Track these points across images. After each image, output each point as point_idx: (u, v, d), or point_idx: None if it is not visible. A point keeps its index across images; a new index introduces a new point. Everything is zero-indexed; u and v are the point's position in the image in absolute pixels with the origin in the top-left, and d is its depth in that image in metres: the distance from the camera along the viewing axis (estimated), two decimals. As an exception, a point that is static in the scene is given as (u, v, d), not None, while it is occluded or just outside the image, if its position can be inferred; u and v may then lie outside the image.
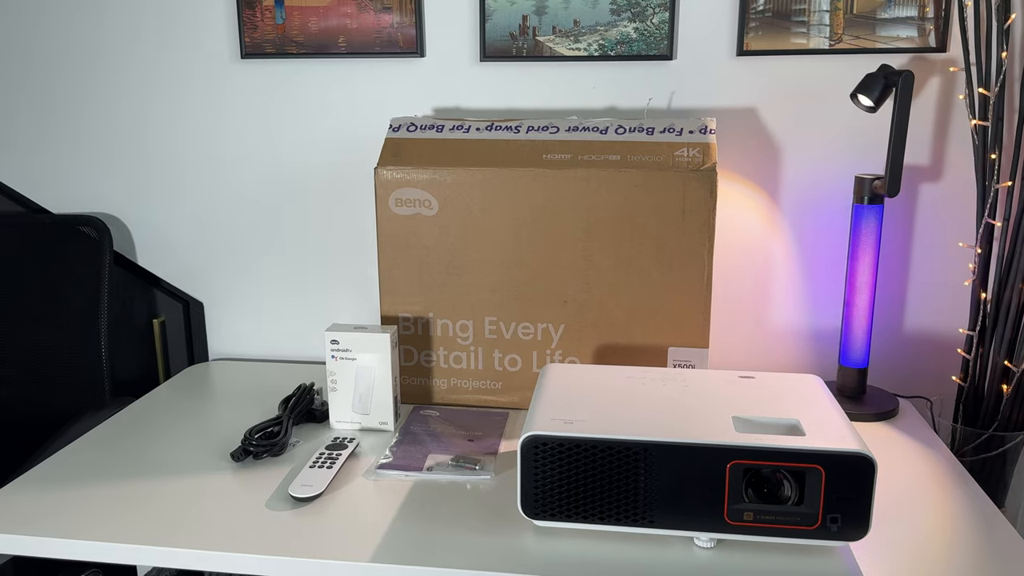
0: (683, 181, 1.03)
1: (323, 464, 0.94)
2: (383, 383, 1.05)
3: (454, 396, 1.14)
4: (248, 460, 0.99)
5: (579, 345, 1.10)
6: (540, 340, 1.10)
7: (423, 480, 0.94)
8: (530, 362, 1.11)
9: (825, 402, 0.85)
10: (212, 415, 1.13)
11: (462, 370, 1.13)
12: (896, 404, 1.12)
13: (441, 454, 0.99)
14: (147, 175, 1.32)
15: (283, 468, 0.97)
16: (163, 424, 1.10)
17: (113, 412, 1.17)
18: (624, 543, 0.81)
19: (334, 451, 0.98)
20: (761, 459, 0.75)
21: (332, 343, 1.05)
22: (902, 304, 1.20)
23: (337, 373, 1.06)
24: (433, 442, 1.02)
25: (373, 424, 1.06)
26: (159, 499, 0.90)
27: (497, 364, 1.12)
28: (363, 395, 1.05)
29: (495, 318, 1.11)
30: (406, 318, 1.13)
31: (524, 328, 1.10)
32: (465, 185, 1.07)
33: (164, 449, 1.02)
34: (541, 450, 0.78)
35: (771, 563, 0.78)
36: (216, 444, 1.03)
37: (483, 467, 0.95)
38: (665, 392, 0.88)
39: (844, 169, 1.17)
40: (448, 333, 1.12)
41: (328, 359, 1.05)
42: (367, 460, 0.99)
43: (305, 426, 1.09)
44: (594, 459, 0.78)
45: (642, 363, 1.09)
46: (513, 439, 1.04)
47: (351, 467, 0.97)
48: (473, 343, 1.12)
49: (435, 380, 1.14)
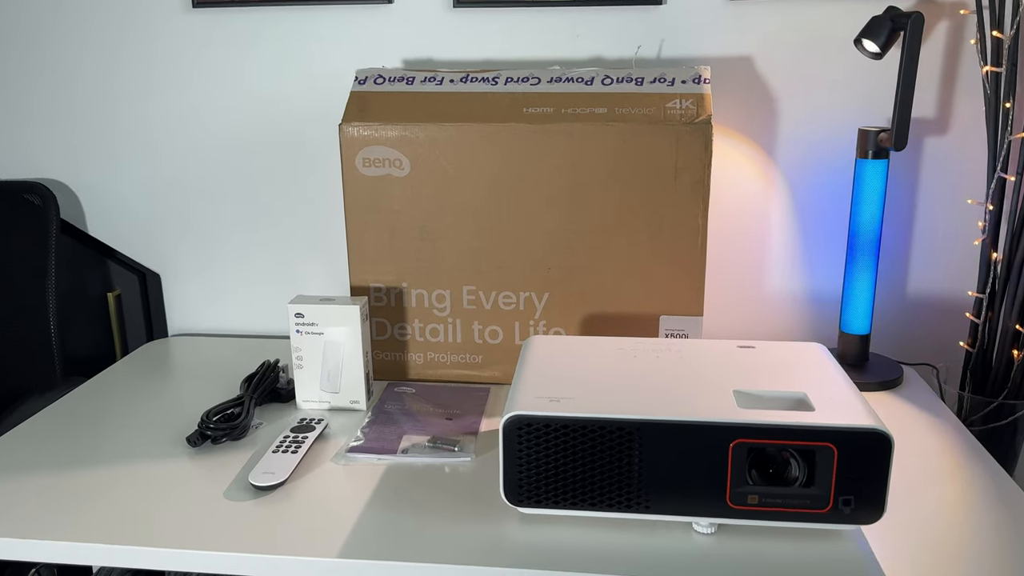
0: (676, 135, 0.95)
1: (287, 448, 0.87)
2: (353, 359, 0.97)
3: (431, 371, 1.06)
4: (206, 445, 0.91)
5: (565, 315, 1.02)
6: (523, 310, 1.03)
7: (397, 464, 0.86)
8: (512, 334, 1.04)
9: (832, 372, 0.79)
10: (170, 395, 1.04)
11: (439, 343, 1.05)
12: (900, 372, 1.05)
13: (417, 435, 0.91)
14: (96, 137, 1.22)
15: (244, 453, 0.89)
16: (116, 406, 1.01)
17: (63, 393, 1.08)
18: (616, 530, 0.74)
19: (300, 433, 0.90)
20: (767, 437, 0.68)
21: (297, 317, 0.97)
22: (906, 266, 1.13)
23: (303, 349, 0.97)
24: (408, 422, 0.94)
25: (343, 403, 0.99)
26: (109, 491, 0.82)
27: (477, 336, 1.04)
28: (331, 372, 0.97)
29: (474, 287, 1.03)
30: (377, 288, 1.04)
31: (505, 297, 1.03)
32: (438, 142, 0.98)
33: (117, 434, 0.94)
34: (525, 431, 0.71)
35: (776, 549, 0.71)
36: (173, 428, 0.95)
37: (462, 448, 0.88)
38: (659, 365, 0.80)
39: (846, 122, 1.09)
40: (423, 304, 1.04)
41: (292, 334, 0.97)
42: (336, 443, 0.91)
43: (269, 406, 1.01)
44: (584, 440, 0.70)
45: (632, 333, 1.02)
46: (495, 417, 0.97)
47: (318, 451, 0.89)
48: (450, 314, 1.04)
49: (410, 355, 1.06)
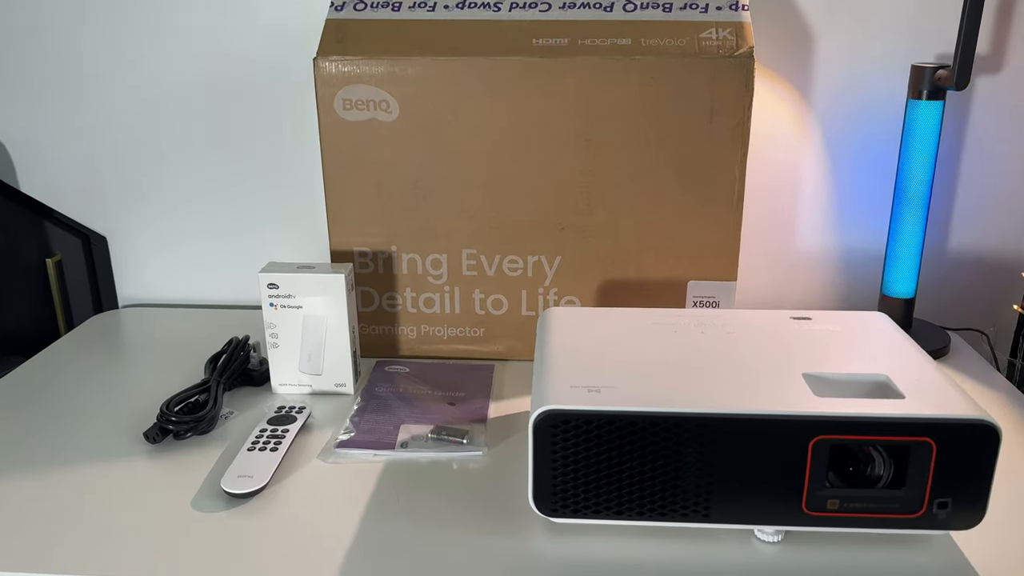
0: (712, 71, 0.82)
1: (265, 445, 0.73)
2: (338, 336, 0.83)
3: (426, 347, 0.93)
4: (167, 441, 0.77)
5: (578, 282, 0.89)
6: (531, 276, 0.90)
7: (396, 460, 0.73)
8: (518, 303, 0.91)
9: (908, 349, 0.67)
10: (123, 378, 0.90)
11: (435, 315, 0.92)
12: (948, 340, 0.95)
13: (416, 424, 0.78)
14: (24, 79, 1.04)
15: (213, 451, 0.75)
16: (60, 392, 0.87)
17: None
18: (662, 541, 0.62)
19: (279, 426, 0.76)
20: (854, 433, 0.57)
21: (270, 288, 0.82)
22: (949, 221, 1.02)
23: (278, 325, 0.83)
24: (405, 408, 0.81)
25: (327, 386, 0.85)
26: (49, 503, 0.68)
27: (478, 307, 0.91)
28: (312, 352, 0.84)
29: (474, 250, 0.89)
30: (363, 253, 0.90)
31: (511, 262, 0.89)
32: (432, 80, 0.83)
33: (60, 427, 0.79)
34: (561, 429, 0.58)
35: (852, 558, 0.60)
36: (128, 418, 0.81)
37: (472, 439, 0.76)
38: (707, 343, 0.68)
39: (892, 59, 0.97)
40: (416, 270, 0.90)
41: (265, 308, 0.83)
42: (322, 435, 0.78)
43: (240, 391, 0.87)
44: (632, 439, 0.58)
45: (656, 301, 0.89)
46: (504, 400, 0.84)
47: (301, 446, 0.76)
48: (448, 282, 0.90)
49: (401, 328, 0.93)
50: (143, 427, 0.79)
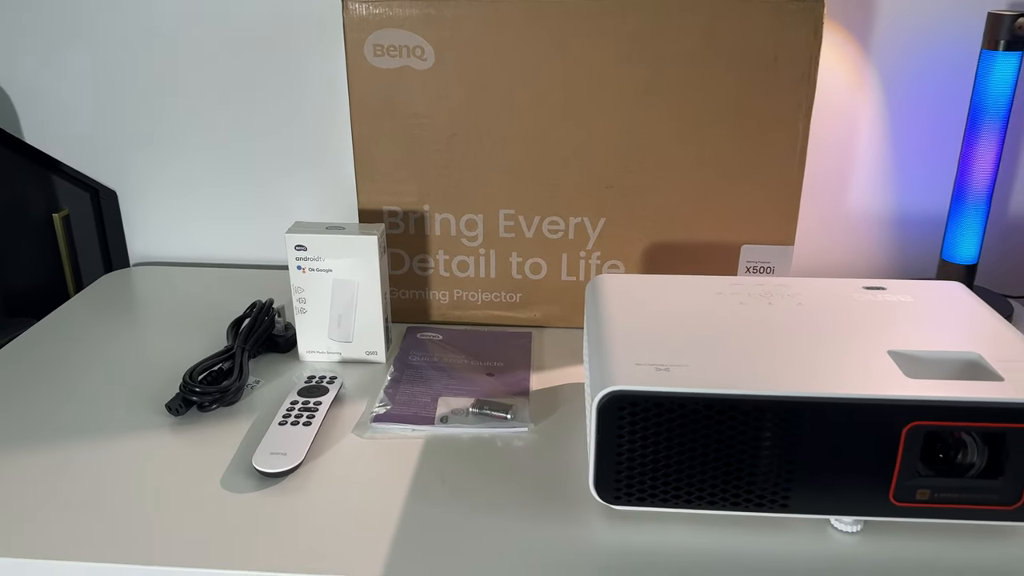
0: (777, 16, 0.75)
1: (297, 418, 0.68)
2: (369, 301, 0.78)
3: (458, 313, 0.88)
4: (191, 413, 0.72)
5: (624, 245, 0.84)
6: (572, 239, 0.84)
7: (436, 436, 0.69)
8: (558, 268, 0.85)
9: (995, 323, 0.62)
10: (138, 344, 0.85)
11: (469, 279, 0.86)
12: (1011, 308, 0.90)
13: (455, 396, 0.74)
14: (27, 19, 0.97)
15: (241, 423, 0.71)
16: (72, 358, 0.82)
17: (5, 341, 0.88)
18: (726, 528, 0.58)
19: (311, 397, 0.71)
20: (951, 419, 0.52)
21: (297, 250, 0.77)
22: (1012, 183, 0.96)
23: (306, 289, 0.78)
24: (441, 379, 0.77)
25: (357, 354, 0.80)
26: (67, 479, 0.63)
27: (515, 271, 0.86)
28: (343, 317, 0.79)
29: (512, 210, 0.83)
30: (393, 212, 0.84)
31: (552, 223, 0.84)
32: (471, 24, 0.77)
33: (74, 397, 0.75)
34: (628, 412, 0.53)
35: (936, 549, 0.56)
36: (146, 388, 0.76)
37: (516, 415, 0.71)
38: (778, 315, 0.63)
39: (968, 5, 0.89)
40: (450, 231, 0.84)
41: (292, 271, 0.77)
42: (355, 407, 0.73)
43: (265, 358, 0.82)
44: (708, 423, 0.53)
45: (705, 267, 0.84)
46: (544, 371, 0.79)
47: (335, 419, 0.71)
48: (483, 244, 0.85)
49: (433, 292, 0.87)
50: (162, 397, 0.75)
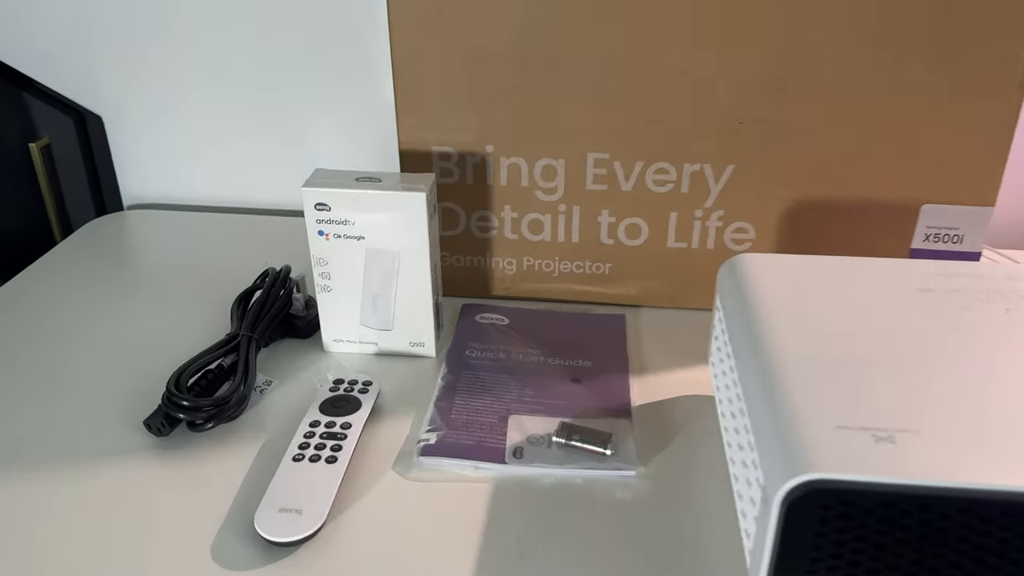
0: None
1: (318, 451, 0.50)
2: (415, 277, 0.58)
3: (527, 286, 0.68)
4: (179, 430, 0.54)
5: (756, 202, 0.62)
6: (686, 193, 0.63)
7: (508, 478, 0.50)
8: (663, 231, 0.64)
9: None
10: (123, 317, 0.66)
11: (543, 244, 0.66)
12: None
13: (532, 414, 0.54)
14: None
15: (244, 450, 0.53)
16: (37, 335, 0.64)
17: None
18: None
19: (336, 416, 0.53)
20: None
21: (319, 209, 0.57)
22: None
23: (331, 261, 0.58)
24: (511, 385, 0.57)
25: (399, 346, 0.61)
26: (8, 530, 0.46)
27: (606, 234, 0.65)
28: (379, 298, 0.59)
29: (606, 154, 0.62)
30: (445, 155, 0.64)
31: (659, 172, 0.62)
32: None
33: (35, 399, 0.57)
34: (837, 514, 0.33)
35: None
36: (128, 384, 0.58)
37: (617, 449, 0.52)
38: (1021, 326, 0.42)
39: None
40: (520, 181, 0.64)
41: (312, 237, 0.58)
42: (396, 426, 0.54)
43: (280, 346, 0.63)
44: (958, 527, 0.33)
45: (870, 232, 0.62)
46: (646, 373, 0.59)
47: (368, 445, 0.53)
48: (564, 198, 0.64)
49: (495, 260, 0.67)
50: (145, 402, 0.57)
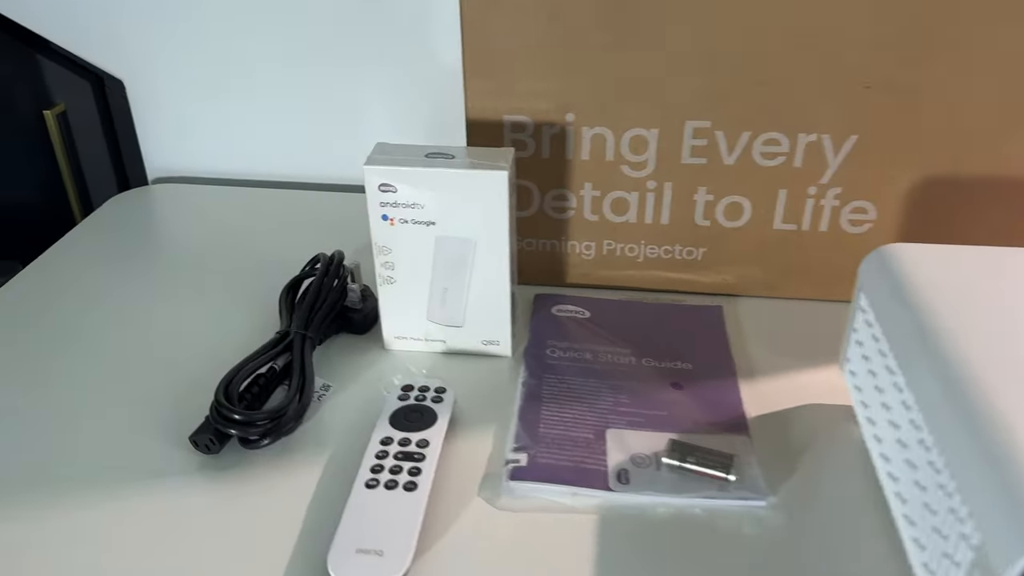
0: None
1: (394, 475, 0.43)
2: (492, 267, 0.51)
3: (607, 274, 0.60)
4: (230, 448, 0.47)
5: (880, 177, 0.54)
6: (800, 168, 0.55)
7: (615, 507, 0.43)
8: (769, 210, 0.56)
9: None
10: (158, 306, 0.59)
11: (628, 226, 0.58)
12: None
13: (632, 427, 0.47)
14: None
15: (305, 473, 0.46)
16: (66, 335, 0.57)
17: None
18: None
19: (411, 432, 0.46)
20: None
21: (383, 191, 0.49)
22: None
23: (395, 249, 0.51)
24: (602, 392, 0.50)
25: (470, 344, 0.54)
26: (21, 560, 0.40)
27: (702, 214, 0.57)
28: (450, 291, 0.52)
29: (707, 122, 0.54)
30: (519, 125, 0.56)
31: (768, 143, 0.54)
32: None
33: (60, 407, 0.50)
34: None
35: None
36: (167, 394, 0.51)
37: (741, 473, 0.44)
38: None
39: None
40: (604, 154, 0.56)
41: (375, 223, 0.50)
42: (475, 440, 0.47)
43: (334, 343, 0.56)
44: None
45: (1010, 213, 0.54)
46: (757, 377, 0.52)
47: (446, 465, 0.46)
48: (655, 173, 0.56)
49: (572, 244, 0.60)
50: (187, 407, 0.50)
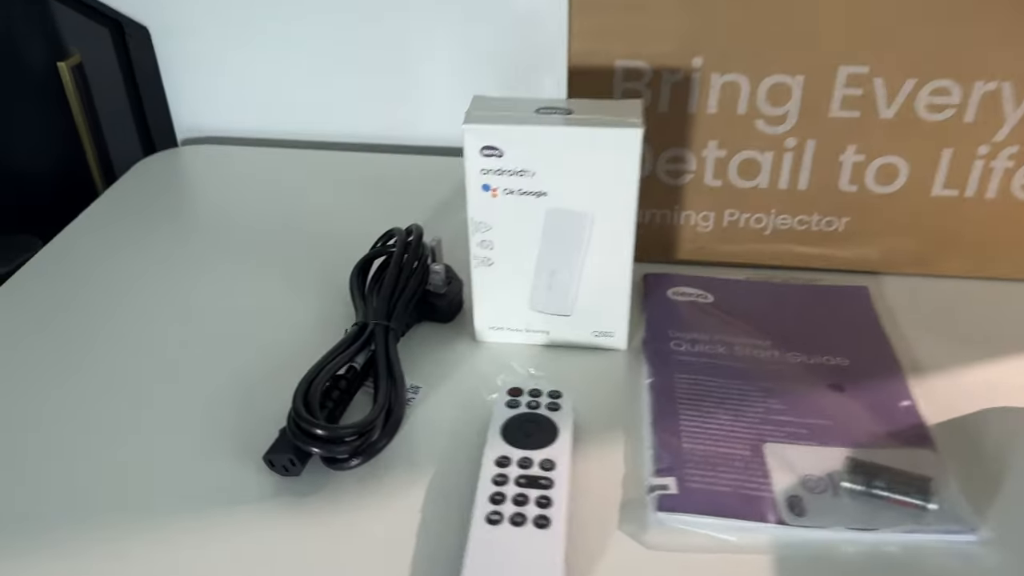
0: None
1: (520, 507, 0.35)
2: (613, 245, 0.42)
3: (728, 248, 0.52)
4: (310, 467, 0.39)
5: (1068, 133, 0.45)
6: (970, 123, 0.45)
7: (790, 544, 0.35)
8: (930, 172, 0.47)
9: None
10: (204, 294, 0.51)
11: (756, 192, 0.50)
12: None
13: (790, 441, 0.39)
14: None
15: (407, 498, 0.38)
16: (101, 327, 0.49)
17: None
18: None
19: (531, 449, 0.37)
20: None
21: (486, 154, 0.40)
22: None
23: (495, 225, 0.42)
24: (747, 393, 0.42)
25: (577, 336, 0.45)
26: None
27: (848, 177, 0.48)
28: (558, 274, 0.43)
29: (864, 68, 0.45)
30: (633, 73, 0.46)
31: (935, 92, 0.45)
32: None
33: (100, 415, 0.42)
34: None
35: None
36: (225, 397, 0.43)
37: (943, 500, 0.36)
38: None
39: None
40: (736, 106, 0.47)
41: (474, 195, 0.41)
42: (600, 458, 0.39)
43: (416, 334, 0.48)
44: None
45: None
46: (927, 374, 0.44)
47: (576, 492, 0.37)
48: (797, 128, 0.47)
49: (687, 214, 0.51)
50: (251, 413, 0.42)
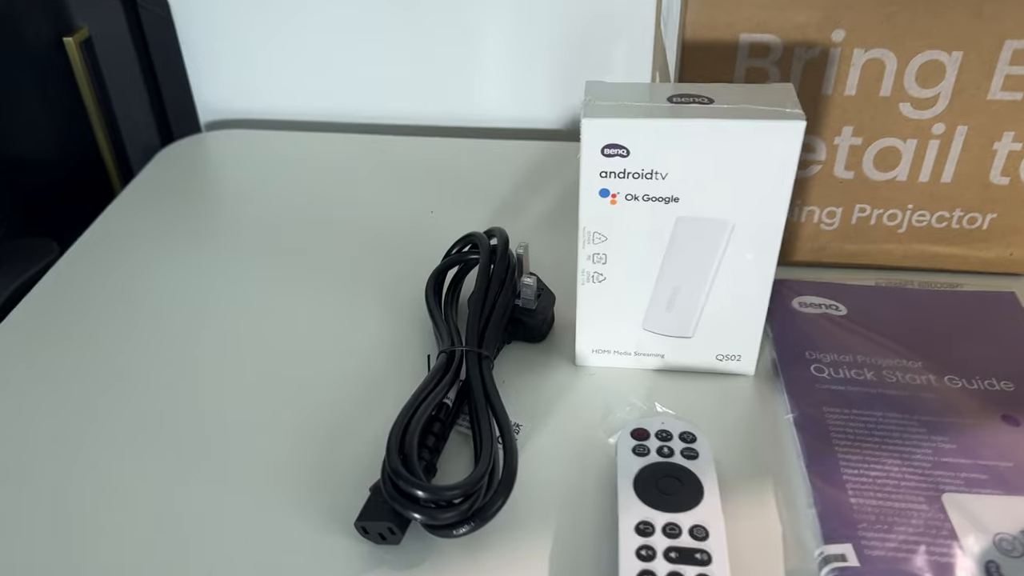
0: None
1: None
2: (753, 258, 0.36)
3: (854, 248, 0.45)
4: (412, 533, 0.33)
5: None
6: None
7: (996, 624, 0.29)
8: (1099, 163, 0.41)
9: None
10: (253, 308, 0.45)
11: (894, 185, 0.43)
12: None
13: (969, 489, 0.33)
14: None
15: (520, 569, 0.32)
16: (140, 351, 0.42)
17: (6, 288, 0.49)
18: None
19: (673, 514, 0.31)
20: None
21: (609, 154, 0.33)
22: None
23: (611, 235, 0.36)
24: (906, 428, 0.35)
25: (698, 360, 0.39)
26: None
27: (1000, 169, 0.42)
28: (682, 291, 0.37)
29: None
30: (760, 48, 0.39)
31: (1124, 70, 0.38)
32: None
33: (141, 465, 0.36)
34: None
35: None
36: (293, 438, 0.37)
37: None
38: None
39: None
40: (879, 87, 0.40)
41: (588, 200, 0.35)
42: (747, 515, 0.33)
43: (507, 354, 0.41)
44: None
45: None
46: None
47: (733, 563, 0.32)
48: (947, 112, 0.40)
49: (810, 210, 0.44)
50: (325, 458, 0.36)
